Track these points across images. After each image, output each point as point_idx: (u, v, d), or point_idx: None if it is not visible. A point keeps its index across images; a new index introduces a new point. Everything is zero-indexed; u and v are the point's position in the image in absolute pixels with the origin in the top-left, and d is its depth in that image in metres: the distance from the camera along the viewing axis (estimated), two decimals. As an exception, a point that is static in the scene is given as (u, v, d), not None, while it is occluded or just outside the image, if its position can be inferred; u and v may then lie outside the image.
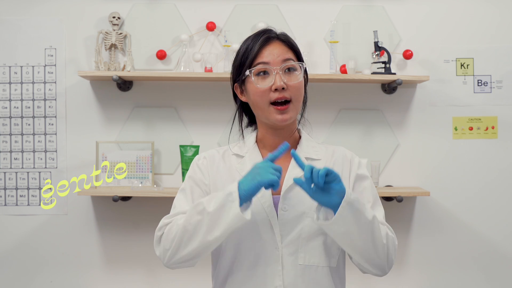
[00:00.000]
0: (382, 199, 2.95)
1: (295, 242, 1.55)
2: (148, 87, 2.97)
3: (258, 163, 1.46)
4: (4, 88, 2.96)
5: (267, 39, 1.58)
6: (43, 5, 2.95)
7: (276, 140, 1.63)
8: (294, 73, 1.58)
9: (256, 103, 1.58)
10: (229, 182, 1.58)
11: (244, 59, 1.59)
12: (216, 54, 2.92)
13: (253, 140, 1.67)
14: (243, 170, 1.59)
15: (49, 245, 2.96)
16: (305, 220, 1.56)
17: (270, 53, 1.56)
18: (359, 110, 2.99)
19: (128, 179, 2.92)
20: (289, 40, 1.62)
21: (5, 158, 2.96)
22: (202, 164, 1.65)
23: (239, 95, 1.65)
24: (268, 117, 1.57)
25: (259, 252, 1.55)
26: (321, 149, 1.68)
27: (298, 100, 1.59)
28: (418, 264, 3.00)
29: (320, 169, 1.40)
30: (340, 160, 1.66)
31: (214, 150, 1.70)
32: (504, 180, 3.01)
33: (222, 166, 1.64)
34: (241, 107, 1.69)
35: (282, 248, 1.55)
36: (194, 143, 2.96)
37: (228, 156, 1.67)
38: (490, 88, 3.01)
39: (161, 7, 2.97)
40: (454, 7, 3.01)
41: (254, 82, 1.56)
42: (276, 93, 1.55)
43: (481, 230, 3.01)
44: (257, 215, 1.55)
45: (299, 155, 1.57)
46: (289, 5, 2.97)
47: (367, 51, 2.97)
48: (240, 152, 1.66)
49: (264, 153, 1.64)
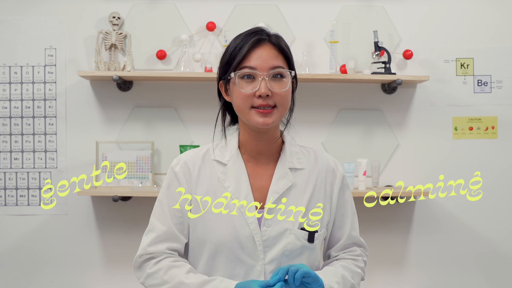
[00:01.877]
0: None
1: (278, 258, 1.52)
2: (148, 87, 2.97)
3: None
4: (4, 88, 2.96)
5: (257, 41, 1.50)
6: (43, 5, 2.95)
7: (258, 145, 1.57)
8: (281, 80, 1.50)
9: (238, 106, 1.52)
10: (211, 192, 1.55)
11: (231, 59, 1.51)
12: (216, 54, 2.92)
13: (236, 145, 1.59)
14: (226, 181, 1.55)
15: (49, 245, 2.96)
16: (289, 237, 1.53)
17: (258, 57, 1.49)
18: (359, 110, 2.99)
19: (128, 179, 2.92)
20: (280, 44, 1.53)
21: (5, 158, 2.96)
22: (180, 171, 1.58)
23: (223, 93, 1.57)
24: (249, 119, 1.51)
25: (240, 268, 1.52)
26: (304, 155, 1.62)
27: (284, 107, 1.51)
28: (418, 264, 3.00)
29: (297, 271, 1.40)
30: (324, 169, 1.61)
31: (193, 151, 1.63)
32: (504, 180, 3.01)
33: (202, 173, 1.57)
34: (224, 105, 1.61)
35: (265, 265, 1.52)
36: (194, 143, 2.96)
37: (209, 161, 1.59)
38: (490, 88, 3.01)
39: (161, 7, 2.97)
40: (454, 7, 3.01)
41: (238, 86, 1.49)
42: (260, 100, 1.48)
43: (481, 230, 3.01)
44: (240, 230, 1.51)
45: (283, 165, 1.57)
46: (289, 5, 2.97)
47: (367, 51, 2.97)
48: (222, 159, 1.58)
49: (246, 159, 1.58)
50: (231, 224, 1.51)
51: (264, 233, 1.52)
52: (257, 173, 1.58)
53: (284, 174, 1.56)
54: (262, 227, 1.52)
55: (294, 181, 1.57)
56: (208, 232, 1.53)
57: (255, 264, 1.52)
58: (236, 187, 1.54)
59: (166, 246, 1.56)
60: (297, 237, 1.52)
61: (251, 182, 1.56)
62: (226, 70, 1.54)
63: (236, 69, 1.50)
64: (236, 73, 1.50)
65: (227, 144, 1.61)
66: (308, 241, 1.53)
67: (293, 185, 1.56)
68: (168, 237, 1.57)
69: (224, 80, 1.55)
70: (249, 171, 1.57)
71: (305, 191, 1.57)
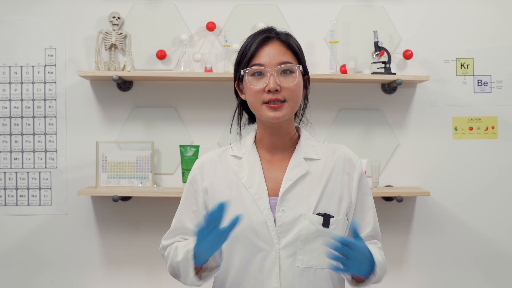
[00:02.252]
0: (382, 199, 2.96)
1: (293, 244, 1.55)
2: (148, 87, 2.97)
3: (201, 231, 1.43)
4: (4, 88, 2.96)
5: (265, 39, 1.57)
6: (43, 5, 2.95)
7: (273, 139, 1.63)
8: (290, 75, 1.56)
9: (251, 103, 1.59)
10: (226, 184, 1.61)
11: (242, 58, 1.59)
12: (216, 54, 2.92)
13: (252, 140, 1.66)
14: (240, 172, 1.61)
15: (49, 245, 2.96)
16: (303, 222, 1.55)
17: (267, 54, 1.55)
18: (359, 110, 2.99)
19: (128, 179, 2.92)
20: (289, 40, 1.60)
21: (5, 158, 2.96)
22: (196, 168, 1.67)
23: (239, 92, 1.65)
24: (261, 115, 1.57)
25: (256, 254, 1.55)
26: (321, 147, 1.67)
27: (294, 101, 1.57)
28: (418, 264, 3.00)
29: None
30: (341, 159, 1.64)
31: (213, 151, 1.71)
32: (504, 180, 3.01)
33: (219, 168, 1.65)
34: (241, 104, 1.68)
35: (280, 250, 1.55)
36: (194, 143, 2.96)
37: (225, 157, 1.67)
38: (490, 88, 3.01)
39: (161, 7, 2.97)
40: (454, 7, 3.01)
41: (248, 83, 1.56)
42: (270, 94, 1.54)
43: (481, 230, 3.01)
44: (253, 217, 1.55)
45: (298, 155, 1.60)
46: (289, 5, 2.97)
47: (367, 51, 2.97)
48: (238, 153, 1.65)
49: (262, 154, 1.64)
50: (245, 212, 1.55)
51: (279, 219, 1.55)
52: (272, 165, 1.63)
53: (299, 163, 1.61)
54: (277, 213, 1.56)
55: (309, 169, 1.60)
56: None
57: (271, 249, 1.55)
58: (249, 177, 1.60)
59: (179, 237, 1.66)
60: (311, 222, 1.55)
61: (265, 173, 1.61)
62: (238, 70, 1.61)
63: (246, 67, 1.57)
64: (246, 71, 1.57)
65: (244, 141, 1.68)
66: (323, 225, 1.55)
67: (308, 173, 1.60)
68: (181, 231, 1.66)
69: (238, 80, 1.62)
70: (264, 164, 1.63)
71: (320, 179, 1.60)
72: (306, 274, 1.55)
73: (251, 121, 1.71)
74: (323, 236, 1.55)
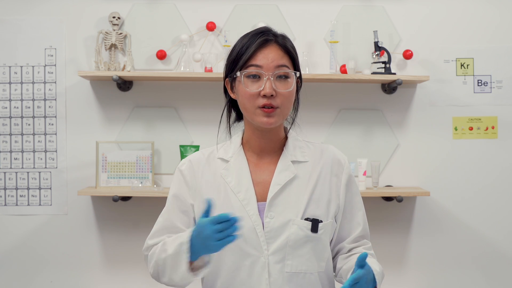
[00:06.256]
0: (382, 199, 2.96)
1: (282, 250, 1.54)
2: (148, 87, 2.97)
3: (202, 228, 1.41)
4: (4, 88, 2.96)
5: (264, 42, 1.54)
6: (43, 5, 2.95)
7: (261, 142, 1.60)
8: (286, 80, 1.54)
9: (243, 104, 1.55)
10: (214, 189, 1.58)
11: (238, 58, 1.55)
12: (216, 54, 2.92)
13: (239, 142, 1.63)
14: (228, 176, 1.58)
15: (49, 245, 2.96)
16: (292, 227, 1.54)
17: (265, 57, 1.52)
18: (359, 110, 2.99)
19: (128, 179, 2.92)
20: (286, 44, 1.57)
21: (5, 158, 2.96)
22: (186, 169, 1.64)
23: (229, 91, 1.61)
24: (254, 119, 1.54)
25: (245, 260, 1.54)
26: (309, 149, 1.64)
27: (287, 107, 1.55)
28: (418, 264, 3.00)
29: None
30: (329, 161, 1.63)
31: (200, 152, 1.67)
32: (504, 180, 3.01)
33: (207, 171, 1.62)
34: (230, 102, 1.64)
35: (269, 256, 1.53)
36: (194, 143, 2.96)
37: (213, 160, 1.63)
38: (490, 88, 3.01)
39: (161, 7, 2.97)
40: (454, 7, 3.01)
41: (244, 85, 1.53)
42: (264, 99, 1.51)
43: (481, 230, 3.01)
44: (242, 222, 1.50)
45: (286, 158, 1.59)
46: (289, 5, 2.97)
47: (367, 51, 2.97)
48: (225, 156, 1.62)
49: (249, 156, 1.62)
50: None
51: (267, 225, 1.54)
52: (260, 168, 1.60)
53: (286, 167, 1.59)
54: (265, 218, 1.54)
55: (297, 173, 1.58)
56: None
57: (260, 255, 1.53)
58: (237, 181, 1.57)
59: (166, 236, 1.60)
60: (300, 228, 1.54)
61: (253, 177, 1.59)
62: (232, 68, 1.57)
63: (243, 68, 1.54)
64: (242, 72, 1.53)
65: (231, 142, 1.65)
66: (312, 231, 1.54)
67: (296, 177, 1.58)
68: (170, 230, 1.61)
69: (230, 78, 1.59)
70: (251, 167, 1.60)
71: (308, 182, 1.58)
72: (295, 279, 1.54)
73: (237, 119, 1.67)
74: (311, 241, 1.54)
